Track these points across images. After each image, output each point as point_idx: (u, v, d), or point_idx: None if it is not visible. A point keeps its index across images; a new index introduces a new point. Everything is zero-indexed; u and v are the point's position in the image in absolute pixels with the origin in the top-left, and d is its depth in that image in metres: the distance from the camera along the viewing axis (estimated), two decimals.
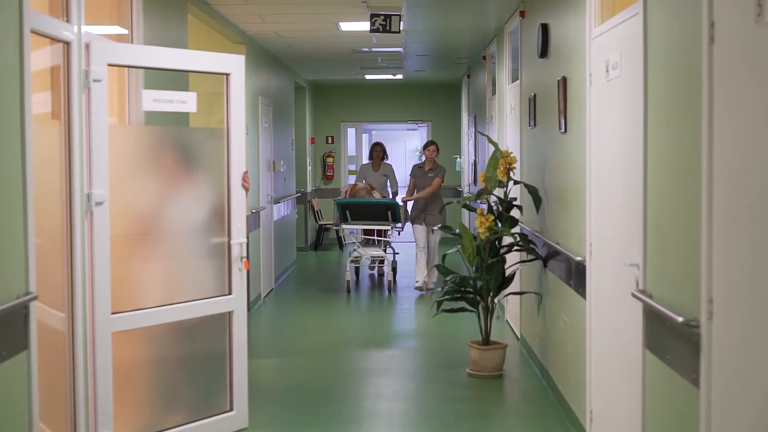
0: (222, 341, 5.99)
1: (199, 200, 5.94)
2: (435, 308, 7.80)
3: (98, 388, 5.11)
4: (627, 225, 4.55)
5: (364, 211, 12.29)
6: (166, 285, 5.82)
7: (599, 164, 5.23)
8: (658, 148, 4.02)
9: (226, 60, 5.87)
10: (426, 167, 12.19)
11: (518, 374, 7.57)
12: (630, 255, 4.45)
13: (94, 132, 5.03)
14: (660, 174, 3.99)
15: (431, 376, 7.65)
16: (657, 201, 4.05)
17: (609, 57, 4.90)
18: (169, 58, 5.62)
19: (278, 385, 7.41)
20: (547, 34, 7.08)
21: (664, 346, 3.89)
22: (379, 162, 13.47)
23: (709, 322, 3.33)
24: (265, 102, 12.08)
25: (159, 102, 5.59)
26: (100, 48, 5.08)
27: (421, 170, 12.23)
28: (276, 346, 9.17)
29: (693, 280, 3.46)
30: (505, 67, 10.05)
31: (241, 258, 5.94)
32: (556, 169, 6.74)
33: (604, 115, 5.08)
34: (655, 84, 4.06)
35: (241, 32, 10.45)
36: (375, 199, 12.57)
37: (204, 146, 6.07)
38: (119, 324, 5.25)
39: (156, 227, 5.77)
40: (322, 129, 19.37)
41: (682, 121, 3.66)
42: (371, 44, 12.06)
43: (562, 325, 6.42)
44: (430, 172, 12.10)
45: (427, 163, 12.21)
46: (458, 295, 7.59)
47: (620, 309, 4.69)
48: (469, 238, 7.38)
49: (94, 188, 5.04)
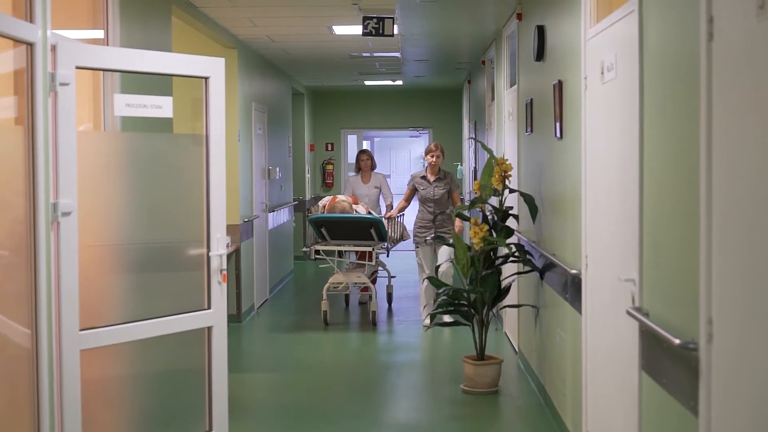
0: (201, 357, 5.71)
1: (175, 210, 5.67)
2: (428, 321, 7.53)
3: (65, 409, 4.83)
4: (623, 237, 4.27)
5: (343, 229, 10.30)
6: (141, 299, 5.54)
7: (595, 171, 4.95)
8: (654, 155, 3.75)
9: (205, 63, 5.60)
10: (431, 176, 10.17)
11: (514, 391, 7.28)
12: (626, 269, 4.17)
13: (61, 138, 4.76)
14: (656, 182, 3.71)
15: (424, 393, 7.38)
16: (653, 211, 3.77)
17: (604, 58, 4.62)
18: (143, 61, 5.34)
19: (264, 403, 7.13)
20: (543, 37, 6.81)
21: (661, 368, 3.60)
22: (368, 172, 11.74)
23: (708, 345, 3.04)
24: (259, 108, 11.82)
25: (132, 107, 5.32)
26: (67, 50, 4.81)
27: (425, 180, 10.18)
28: (264, 360, 8.88)
29: (691, 299, 3.18)
30: (504, 71, 9.78)
31: (220, 271, 5.66)
32: (552, 177, 6.46)
33: (600, 120, 4.80)
34: (651, 86, 3.78)
35: (233, 36, 10.19)
36: (354, 214, 10.34)
37: (181, 153, 5.81)
38: (88, 341, 4.97)
39: (130, 238, 5.49)
40: (321, 136, 19.11)
41: (680, 125, 3.38)
42: (368, 49, 11.80)
43: (559, 340, 6.13)
44: (438, 183, 10.11)
45: (431, 170, 10.19)
46: (452, 308, 7.30)
47: (616, 326, 4.40)
48: (463, 249, 7.10)
49: (61, 198, 4.76)
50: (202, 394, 5.72)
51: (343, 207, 10.34)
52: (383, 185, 11.80)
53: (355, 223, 10.20)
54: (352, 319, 10.91)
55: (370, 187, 11.68)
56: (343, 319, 10.87)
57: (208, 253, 5.62)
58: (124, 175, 5.44)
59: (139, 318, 5.32)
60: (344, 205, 10.37)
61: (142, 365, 5.65)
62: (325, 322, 10.22)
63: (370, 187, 11.68)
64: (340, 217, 10.23)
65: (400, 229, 10.91)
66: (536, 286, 7.16)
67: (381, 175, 11.94)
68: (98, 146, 5.36)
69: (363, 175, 11.73)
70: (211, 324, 5.66)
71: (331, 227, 10.28)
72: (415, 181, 10.29)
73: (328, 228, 10.28)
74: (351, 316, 11.05)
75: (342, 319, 10.80)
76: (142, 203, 5.52)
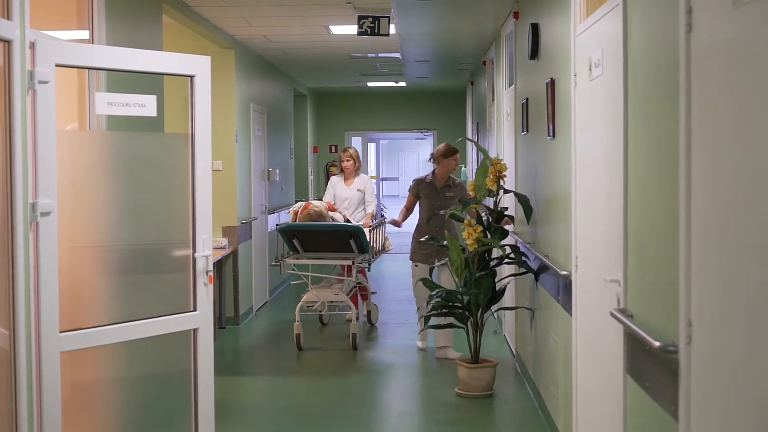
0: (187, 360, 5.62)
1: (161, 210, 5.59)
2: (422, 324, 7.42)
3: (45, 413, 4.74)
4: (609, 237, 4.16)
5: (318, 239, 8.97)
6: (125, 301, 5.46)
7: (584, 171, 4.85)
8: (638, 153, 3.65)
9: (190, 61, 5.51)
10: (439, 182, 8.68)
11: (510, 394, 7.17)
12: (611, 270, 4.06)
13: (40, 137, 4.67)
14: (640, 180, 3.61)
15: (417, 397, 7.27)
16: (637, 210, 3.67)
17: (591, 54, 4.52)
18: (125, 59, 5.25)
19: (255, 407, 7.04)
20: (537, 35, 6.71)
21: (644, 372, 3.50)
22: (352, 174, 10.38)
23: (687, 348, 2.94)
24: (257, 109, 11.73)
25: (114, 105, 5.23)
26: (46, 47, 4.72)
27: (431, 187, 8.69)
28: (258, 363, 8.79)
29: (672, 300, 3.08)
30: (503, 71, 9.68)
31: (206, 272, 5.56)
32: (546, 178, 6.36)
33: (588, 118, 4.70)
34: (635, 82, 3.68)
35: (229, 37, 10.11)
36: (331, 223, 9.11)
37: (166, 153, 5.72)
38: (68, 343, 4.87)
39: (114, 239, 5.41)
40: (325, 137, 19.04)
41: (661, 122, 3.28)
42: (367, 49, 11.72)
43: (552, 343, 6.03)
44: (448, 191, 8.63)
45: (440, 177, 8.69)
46: (446, 311, 7.20)
47: (602, 328, 4.30)
48: (457, 250, 7.00)
49: (40, 198, 4.67)
50: (188, 398, 5.63)
51: (319, 213, 9.07)
52: (367, 189, 10.48)
53: (332, 233, 8.94)
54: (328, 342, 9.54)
55: (352, 189, 10.39)
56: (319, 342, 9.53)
57: (194, 254, 5.54)
58: (108, 175, 5.35)
59: (123, 320, 5.24)
60: (320, 211, 9.09)
61: (127, 368, 5.56)
62: (298, 347, 8.86)
63: (352, 189, 10.39)
64: (315, 225, 8.95)
65: (382, 239, 9.89)
66: (531, 288, 7.06)
67: (366, 177, 10.71)
68: (80, 146, 5.28)
69: (346, 175, 10.45)
70: (197, 326, 5.57)
71: (304, 237, 8.96)
72: (419, 187, 8.80)
73: (301, 238, 8.96)
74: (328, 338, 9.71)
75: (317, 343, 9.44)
76: (126, 204, 5.44)
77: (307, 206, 9.14)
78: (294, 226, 8.94)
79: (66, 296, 4.91)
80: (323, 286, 9.30)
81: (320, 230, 8.93)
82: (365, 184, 10.47)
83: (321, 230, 8.93)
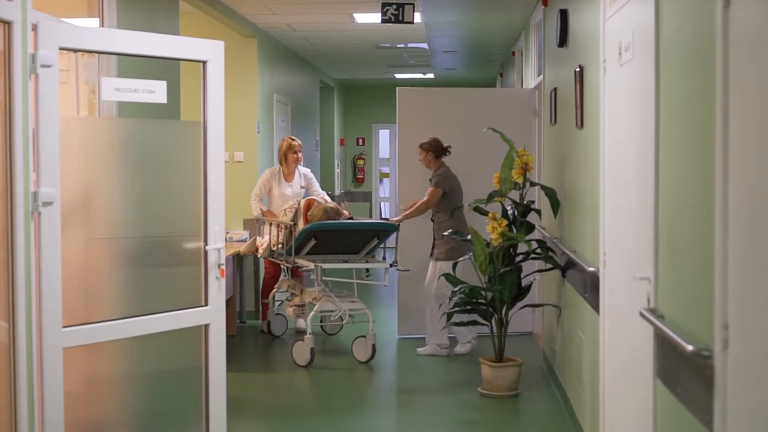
0: (199, 355, 5.41)
1: (171, 201, 5.39)
2: (444, 321, 7.19)
3: (47, 411, 4.55)
4: (640, 233, 3.90)
5: (338, 240, 7.96)
6: (134, 295, 5.26)
7: (613, 162, 4.58)
8: (671, 143, 3.38)
9: (203, 46, 5.29)
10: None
11: (535, 395, 6.90)
12: (642, 267, 3.80)
13: (42, 123, 4.47)
14: (672, 172, 3.35)
15: (439, 395, 7.01)
16: (670, 205, 3.41)
17: (622, 38, 4.25)
18: (134, 43, 5.04)
19: (270, 404, 6.83)
20: (566, 21, 6.45)
21: (675, 377, 3.25)
22: (293, 168, 9.06)
23: (723, 353, 2.69)
24: (281, 100, 11.52)
25: (121, 91, 5.02)
26: (49, 29, 4.52)
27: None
28: (276, 358, 8.56)
29: (706, 302, 2.83)
30: (531, 61, 9.42)
31: (218, 265, 5.35)
32: (574, 170, 6.10)
33: (618, 106, 4.43)
34: (668, 64, 3.42)
35: (252, 25, 9.90)
36: (365, 221, 8.41)
37: (178, 141, 5.51)
38: (72, 339, 4.68)
39: (122, 230, 5.20)
40: (352, 130, 18.82)
41: (696, 108, 3.02)
42: (393, 39, 11.47)
43: (579, 342, 5.77)
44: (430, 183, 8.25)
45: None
46: (469, 307, 6.95)
47: (632, 328, 4.04)
48: (481, 245, 6.75)
49: (42, 187, 4.47)
50: (199, 395, 5.43)
51: (337, 211, 8.15)
52: (313, 183, 9.25)
53: (357, 234, 8.04)
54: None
55: (295, 186, 9.03)
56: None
57: (206, 247, 5.33)
58: (116, 164, 5.16)
59: (132, 314, 5.05)
60: (337, 208, 8.20)
61: (137, 362, 5.37)
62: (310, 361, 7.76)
63: (295, 186, 9.03)
64: (349, 224, 8.06)
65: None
66: (558, 285, 6.80)
67: (308, 171, 9.36)
68: (87, 133, 5.08)
69: (287, 170, 9.04)
70: (208, 321, 5.36)
71: (324, 238, 7.87)
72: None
73: (321, 239, 7.86)
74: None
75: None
76: (135, 194, 5.24)
77: (310, 203, 8.20)
78: (323, 226, 7.83)
79: (71, 289, 4.72)
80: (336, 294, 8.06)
81: (349, 230, 8.00)
82: (309, 180, 9.21)
83: (349, 230, 8.00)
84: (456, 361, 8.03)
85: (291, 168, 9.01)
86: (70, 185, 4.69)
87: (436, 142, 8.23)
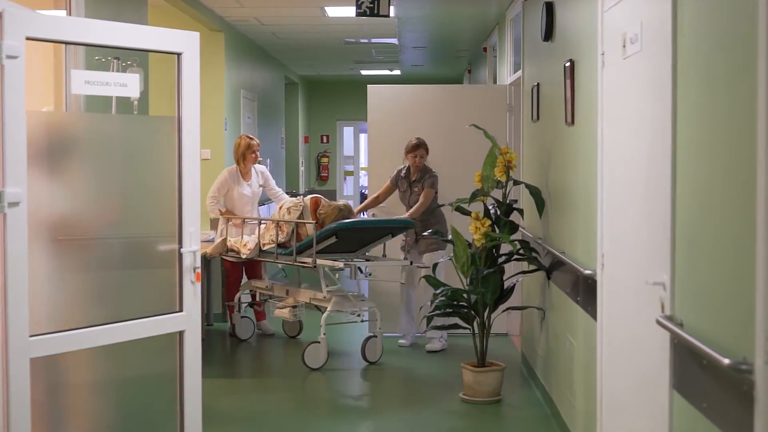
0: (172, 362, 5.13)
1: (143, 201, 5.10)
2: (424, 325, 6.95)
3: (12, 425, 4.26)
4: (650, 234, 3.69)
5: (356, 239, 7.81)
6: (105, 301, 4.97)
7: (613, 159, 4.37)
8: (692, 135, 3.17)
9: (177, 37, 5.01)
10: (412, 175, 8.33)
11: (518, 400, 6.69)
12: (654, 271, 3.58)
13: (8, 118, 4.16)
14: (695, 170, 3.13)
15: (419, 401, 6.77)
16: (689, 203, 3.20)
17: (626, 29, 4.04)
18: (105, 33, 4.74)
19: (245, 412, 6.55)
20: (552, 14, 6.23)
21: (699, 390, 3.03)
22: (250, 167, 8.70)
23: (766, 367, 2.47)
24: (248, 96, 11.23)
25: (92, 84, 4.72)
26: (15, 18, 4.22)
27: (404, 180, 8.37)
28: (248, 363, 8.29)
29: (743, 310, 2.61)
30: (507, 57, 9.22)
31: (193, 269, 5.07)
32: (562, 167, 5.89)
33: (620, 101, 4.22)
34: (689, 57, 3.20)
35: (219, 18, 9.61)
36: (386, 219, 8.09)
37: (150, 138, 5.22)
38: (39, 348, 4.37)
39: (91, 232, 4.90)
40: (316, 127, 18.56)
41: (729, 103, 2.80)
42: (363, 34, 11.23)
43: (568, 346, 5.56)
44: (416, 184, 8.26)
45: (413, 171, 8.31)
46: (450, 310, 6.71)
47: (640, 336, 3.83)
48: (463, 246, 6.52)
49: (8, 186, 4.17)
50: (173, 403, 5.15)
51: (350, 209, 7.97)
52: (268, 182, 8.90)
53: (377, 231, 7.86)
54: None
55: (253, 185, 8.71)
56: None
57: (180, 250, 5.05)
58: (85, 161, 4.85)
59: (103, 321, 4.76)
60: (350, 207, 8.01)
61: (108, 369, 5.08)
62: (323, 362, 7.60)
63: (253, 185, 8.71)
64: (372, 222, 7.96)
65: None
66: (542, 287, 6.59)
67: (264, 168, 9.04)
68: (54, 128, 4.77)
69: (244, 170, 8.66)
70: (183, 328, 5.08)
71: (344, 237, 7.67)
72: (396, 179, 8.44)
73: (342, 238, 7.65)
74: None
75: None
76: (104, 193, 4.94)
77: (317, 201, 7.92)
78: (350, 225, 7.60)
79: (37, 296, 4.42)
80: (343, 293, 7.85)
81: (370, 228, 7.85)
82: (265, 177, 8.88)
83: (370, 228, 7.85)
84: (432, 364, 7.80)
85: (248, 167, 8.71)
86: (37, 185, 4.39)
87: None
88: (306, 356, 7.57)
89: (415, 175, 8.30)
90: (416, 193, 8.27)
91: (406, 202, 8.37)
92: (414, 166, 8.28)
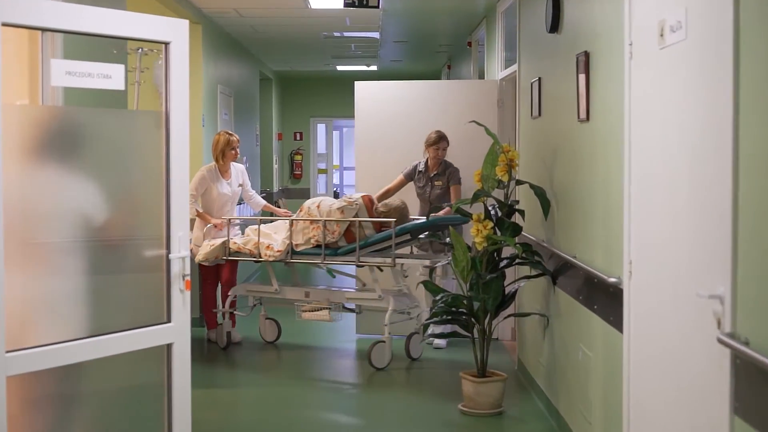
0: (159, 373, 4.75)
1: (127, 202, 4.71)
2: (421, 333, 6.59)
3: None
4: (696, 241, 3.35)
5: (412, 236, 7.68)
6: (86, 311, 4.57)
7: (644, 158, 4.03)
8: (758, 127, 2.82)
9: (165, 25, 4.63)
10: (431, 170, 8.17)
11: (520, 412, 6.34)
12: (705, 282, 3.24)
13: None
14: (762, 163, 2.79)
15: (416, 414, 6.40)
16: (755, 205, 2.85)
17: (665, 17, 3.69)
18: (88, 20, 4.34)
19: (232, 425, 6.16)
20: (559, 5, 5.89)
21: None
22: (230, 165, 8.36)
23: None
24: (225, 91, 10.82)
25: (74, 75, 4.32)
26: None
27: (423, 174, 8.21)
28: (234, 372, 7.89)
29: None
30: (497, 51, 8.88)
31: (182, 276, 4.68)
32: (573, 166, 5.54)
33: (655, 94, 3.88)
34: (758, 47, 2.85)
35: (197, 10, 9.19)
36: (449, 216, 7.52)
37: (134, 134, 4.83)
38: (16, 365, 3.98)
39: (70, 235, 4.49)
40: (290, 124, 18.17)
41: None
42: (344, 27, 10.85)
43: (582, 358, 5.22)
44: (437, 178, 8.14)
45: (433, 164, 8.17)
46: (449, 317, 6.36)
47: (688, 353, 3.48)
48: (463, 249, 6.16)
49: None
50: (160, 418, 4.77)
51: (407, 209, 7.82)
52: (247, 181, 8.68)
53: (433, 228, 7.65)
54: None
55: (233, 184, 8.37)
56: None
57: (168, 255, 4.66)
58: (62, 158, 4.44)
59: (85, 333, 4.36)
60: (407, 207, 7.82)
61: (91, 383, 4.70)
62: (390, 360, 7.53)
63: (233, 184, 8.37)
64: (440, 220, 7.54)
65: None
66: (545, 292, 6.25)
67: (242, 166, 8.73)
68: (30, 123, 4.34)
69: (224, 168, 8.32)
70: (171, 341, 4.70)
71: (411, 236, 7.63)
72: (412, 173, 8.30)
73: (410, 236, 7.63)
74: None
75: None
76: (85, 193, 4.53)
77: (372, 200, 7.74)
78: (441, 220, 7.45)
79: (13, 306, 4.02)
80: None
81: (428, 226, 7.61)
82: (244, 176, 8.59)
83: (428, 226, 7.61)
84: (429, 373, 7.45)
85: (228, 165, 8.31)
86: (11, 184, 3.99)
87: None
88: (372, 356, 7.49)
89: (435, 170, 8.19)
90: (438, 187, 8.16)
91: (426, 197, 8.20)
92: (436, 159, 8.16)
